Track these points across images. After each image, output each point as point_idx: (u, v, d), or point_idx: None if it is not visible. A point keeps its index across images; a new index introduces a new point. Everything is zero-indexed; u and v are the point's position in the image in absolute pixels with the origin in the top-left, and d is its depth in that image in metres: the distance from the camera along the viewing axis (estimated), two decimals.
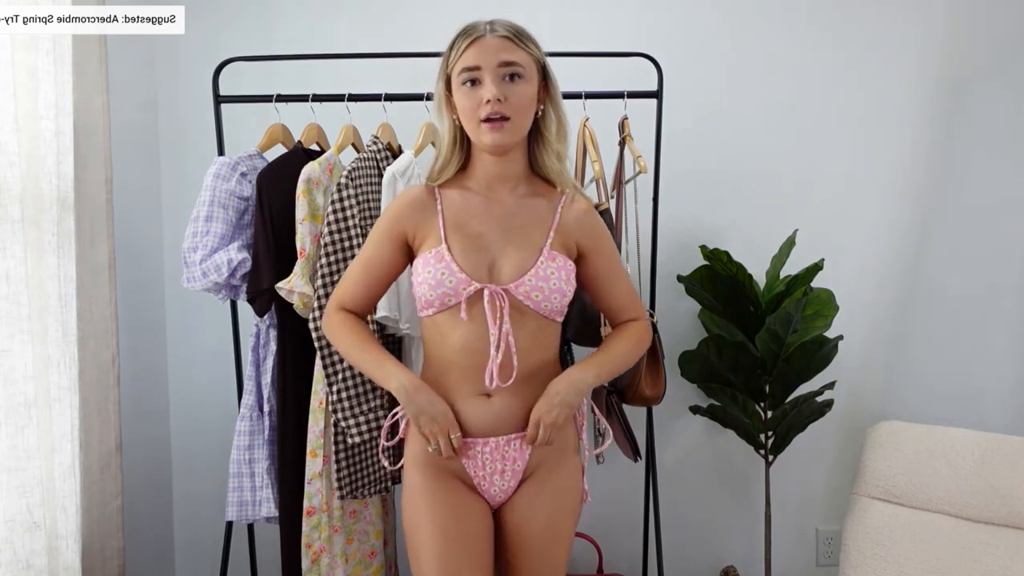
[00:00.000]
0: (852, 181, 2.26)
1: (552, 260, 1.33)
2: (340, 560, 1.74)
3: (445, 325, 1.33)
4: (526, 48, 1.30)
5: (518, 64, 1.29)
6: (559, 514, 1.37)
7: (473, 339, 1.31)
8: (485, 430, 1.34)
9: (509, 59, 1.28)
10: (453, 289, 1.30)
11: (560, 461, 1.38)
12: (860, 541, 1.95)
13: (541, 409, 1.32)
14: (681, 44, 2.21)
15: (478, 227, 1.35)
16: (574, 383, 1.35)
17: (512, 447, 1.35)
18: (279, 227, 1.70)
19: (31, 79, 1.47)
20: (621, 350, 1.43)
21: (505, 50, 1.28)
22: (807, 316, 2.05)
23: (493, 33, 1.29)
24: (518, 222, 1.36)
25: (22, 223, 1.45)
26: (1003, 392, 2.29)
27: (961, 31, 2.21)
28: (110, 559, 1.75)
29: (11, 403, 1.45)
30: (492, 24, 1.30)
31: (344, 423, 1.67)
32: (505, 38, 1.28)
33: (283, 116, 1.86)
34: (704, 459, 2.35)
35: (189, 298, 2.16)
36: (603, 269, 1.43)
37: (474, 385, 1.32)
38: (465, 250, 1.33)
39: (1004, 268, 2.26)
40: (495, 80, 1.28)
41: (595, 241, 1.41)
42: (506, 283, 1.31)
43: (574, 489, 1.40)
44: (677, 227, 2.19)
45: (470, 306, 1.30)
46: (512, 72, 1.29)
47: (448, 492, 1.35)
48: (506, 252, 1.33)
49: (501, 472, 1.36)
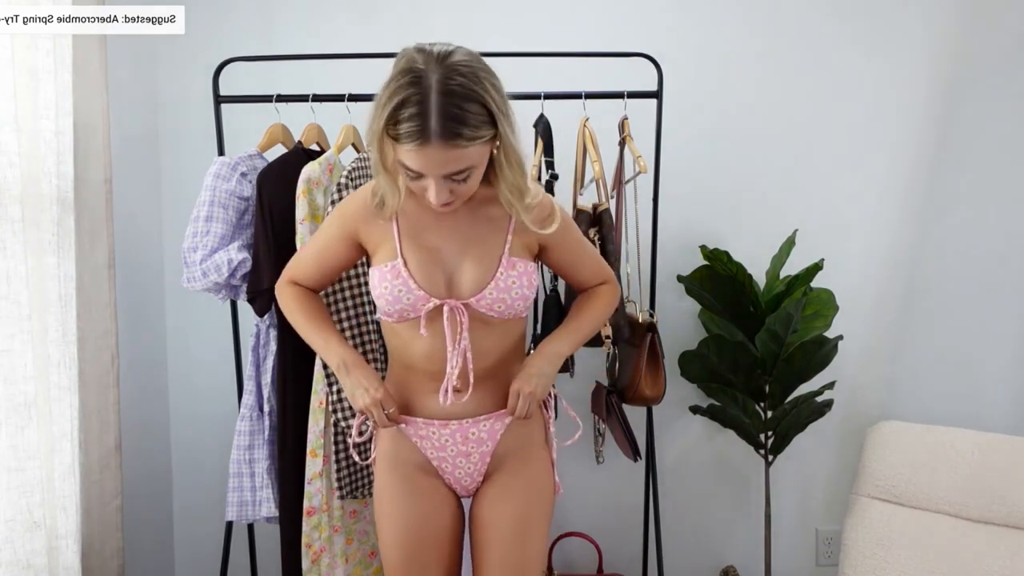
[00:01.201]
0: (852, 181, 2.26)
1: (512, 268, 1.28)
2: (340, 560, 1.74)
3: (406, 334, 1.32)
4: (474, 142, 1.11)
5: (465, 169, 1.14)
6: (529, 506, 1.37)
7: (435, 348, 1.30)
8: (447, 415, 1.34)
9: (455, 169, 1.13)
10: (411, 305, 1.27)
11: (529, 453, 1.39)
12: (860, 541, 1.95)
13: (519, 382, 1.32)
14: (681, 44, 2.21)
15: (434, 240, 1.29)
16: (549, 356, 1.36)
17: (480, 428, 1.34)
18: (279, 227, 1.70)
19: (31, 79, 1.47)
20: (591, 316, 1.43)
21: (452, 161, 1.11)
22: (807, 316, 2.05)
23: (438, 138, 1.08)
24: (474, 233, 1.30)
25: (22, 223, 1.45)
26: (1003, 392, 2.29)
27: (961, 31, 2.21)
28: (110, 559, 1.75)
29: (11, 403, 1.44)
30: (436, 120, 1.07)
31: (344, 423, 1.67)
32: (452, 146, 1.09)
33: (283, 116, 1.86)
34: (704, 459, 2.35)
35: (189, 298, 2.16)
36: (567, 253, 1.41)
37: (438, 383, 1.32)
38: (422, 264, 1.28)
39: (1004, 268, 2.26)
40: (441, 187, 1.15)
41: (553, 233, 1.33)
42: (466, 297, 1.28)
43: (545, 481, 1.41)
44: (677, 227, 2.19)
45: (430, 320, 1.28)
46: (460, 177, 1.15)
47: (414, 492, 1.36)
48: (464, 266, 1.29)
49: (466, 455, 1.36)
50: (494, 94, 1.12)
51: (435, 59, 1.09)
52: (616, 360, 1.95)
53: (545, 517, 1.41)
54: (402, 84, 1.08)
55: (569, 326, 1.42)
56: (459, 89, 1.08)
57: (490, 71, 1.14)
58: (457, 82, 1.08)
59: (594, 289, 1.47)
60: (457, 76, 1.08)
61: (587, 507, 2.29)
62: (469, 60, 1.11)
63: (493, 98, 1.11)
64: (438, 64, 1.09)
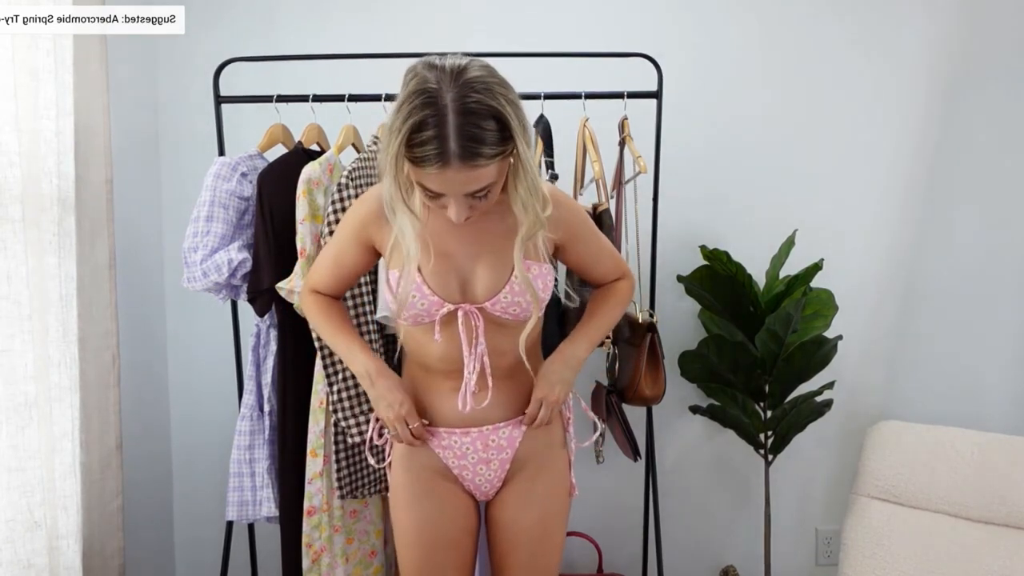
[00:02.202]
0: (852, 181, 2.26)
1: (527, 271, 1.27)
2: (340, 560, 1.75)
3: (422, 337, 1.32)
4: (493, 160, 1.08)
5: (486, 186, 1.12)
6: (550, 510, 1.37)
7: (451, 350, 1.30)
8: (467, 422, 1.33)
9: (477, 188, 1.11)
10: (426, 311, 1.26)
11: (549, 455, 1.39)
12: (860, 541, 1.95)
13: (543, 390, 1.32)
14: (681, 44, 2.21)
15: (448, 245, 1.28)
16: (568, 359, 1.35)
17: (500, 435, 1.34)
18: (279, 227, 1.70)
19: (31, 79, 1.47)
20: (609, 313, 1.43)
21: (473, 180, 1.09)
22: (807, 316, 2.06)
23: (458, 159, 1.06)
24: (487, 238, 1.28)
25: (22, 223, 1.45)
26: (1003, 392, 2.29)
27: (961, 31, 2.21)
28: (110, 559, 1.75)
29: (12, 403, 1.45)
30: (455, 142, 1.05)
31: (344, 423, 1.67)
32: (472, 167, 1.07)
33: (283, 116, 1.86)
34: (704, 459, 2.35)
35: (189, 298, 2.16)
36: (584, 252, 1.40)
37: (456, 383, 1.31)
38: (436, 270, 1.27)
39: (1004, 268, 2.26)
40: (462, 204, 1.13)
41: (569, 232, 1.35)
42: (480, 301, 1.27)
43: (563, 484, 1.41)
44: (677, 227, 2.19)
45: (444, 325, 1.27)
46: (480, 195, 1.13)
47: (431, 494, 1.36)
48: (477, 270, 1.28)
49: (487, 462, 1.35)
50: (509, 108, 1.08)
51: (448, 76, 1.05)
52: (616, 360, 1.95)
53: (564, 520, 1.41)
54: (416, 105, 1.04)
55: (588, 326, 1.41)
56: (476, 107, 1.05)
57: (504, 82, 1.10)
58: (474, 99, 1.04)
59: (611, 285, 1.46)
60: (473, 93, 1.05)
61: (587, 507, 2.28)
62: (483, 75, 1.07)
63: (509, 112, 1.08)
64: (452, 82, 1.05)
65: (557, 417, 1.41)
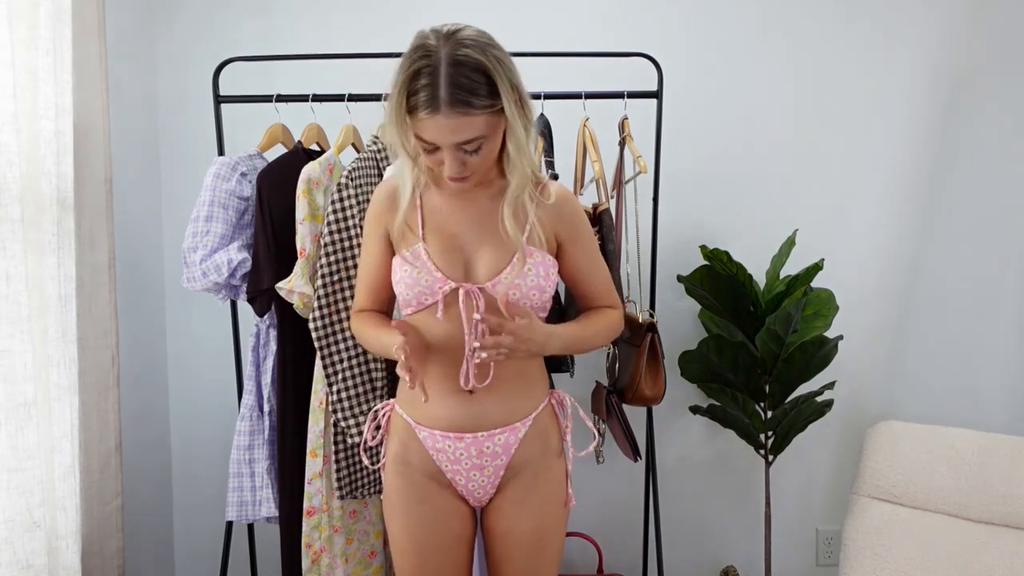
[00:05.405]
0: (852, 181, 2.26)
1: (529, 256, 1.31)
2: (340, 560, 1.74)
3: (424, 325, 1.33)
4: (483, 110, 1.17)
5: (476, 138, 1.19)
6: (546, 521, 1.38)
7: (452, 338, 1.30)
8: (465, 426, 1.33)
9: (466, 138, 1.19)
10: (429, 288, 1.30)
11: (544, 463, 1.38)
12: (860, 541, 1.95)
13: (522, 327, 1.24)
14: (681, 44, 2.21)
15: (454, 227, 1.34)
16: (549, 336, 1.31)
17: (495, 442, 1.34)
18: (279, 227, 1.70)
19: (31, 79, 1.47)
20: (594, 329, 1.41)
21: (461, 129, 1.17)
22: (807, 316, 2.05)
23: (447, 106, 1.15)
24: (493, 222, 1.32)
25: (22, 223, 1.45)
26: (1003, 392, 2.29)
27: (961, 30, 2.21)
28: (110, 559, 1.75)
29: (11, 403, 1.44)
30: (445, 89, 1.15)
31: (344, 423, 1.67)
32: (461, 114, 1.16)
33: (283, 116, 1.86)
34: (704, 459, 2.35)
35: (189, 298, 2.16)
36: (583, 261, 1.40)
37: (455, 382, 1.32)
38: (442, 249, 1.32)
39: (1004, 268, 2.26)
40: (454, 157, 1.21)
41: (574, 230, 1.38)
42: (482, 282, 1.30)
43: (559, 494, 1.40)
44: (677, 227, 2.19)
45: (447, 306, 1.30)
46: (471, 148, 1.21)
47: (425, 501, 1.36)
48: (481, 251, 1.32)
49: (480, 468, 1.35)
50: (498, 65, 1.18)
51: (444, 35, 1.18)
52: (616, 360, 1.95)
53: (561, 530, 1.41)
54: (415, 59, 1.17)
55: (571, 327, 1.40)
56: (465, 59, 1.16)
57: (497, 44, 1.21)
58: (463, 53, 1.16)
59: (603, 309, 1.45)
60: (463, 48, 1.16)
61: (587, 507, 2.28)
62: (477, 35, 1.19)
63: (497, 68, 1.17)
64: (447, 39, 1.17)
65: (554, 425, 1.41)
